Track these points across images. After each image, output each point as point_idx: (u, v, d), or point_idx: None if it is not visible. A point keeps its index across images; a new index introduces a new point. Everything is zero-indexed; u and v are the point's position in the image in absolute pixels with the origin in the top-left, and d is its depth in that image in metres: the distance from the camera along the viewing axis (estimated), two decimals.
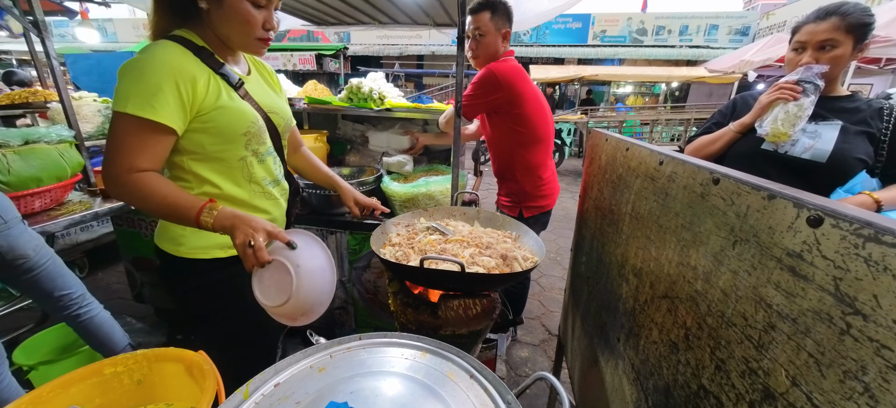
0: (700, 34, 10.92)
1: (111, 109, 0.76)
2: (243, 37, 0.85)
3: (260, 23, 0.84)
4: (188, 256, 0.91)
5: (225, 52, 0.89)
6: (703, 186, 0.52)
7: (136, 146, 0.77)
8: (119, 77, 0.76)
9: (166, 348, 0.80)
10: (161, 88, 0.76)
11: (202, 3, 0.80)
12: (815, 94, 1.13)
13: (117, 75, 0.76)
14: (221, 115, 0.85)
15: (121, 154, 0.76)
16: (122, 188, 0.78)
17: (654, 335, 0.63)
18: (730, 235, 0.45)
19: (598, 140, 1.08)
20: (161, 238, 0.93)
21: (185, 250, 0.91)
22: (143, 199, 0.78)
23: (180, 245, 0.91)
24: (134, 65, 0.76)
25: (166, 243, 0.92)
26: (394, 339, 0.73)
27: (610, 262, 0.89)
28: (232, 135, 0.89)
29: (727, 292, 0.45)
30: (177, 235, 0.91)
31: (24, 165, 1.50)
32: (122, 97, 0.75)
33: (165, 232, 0.92)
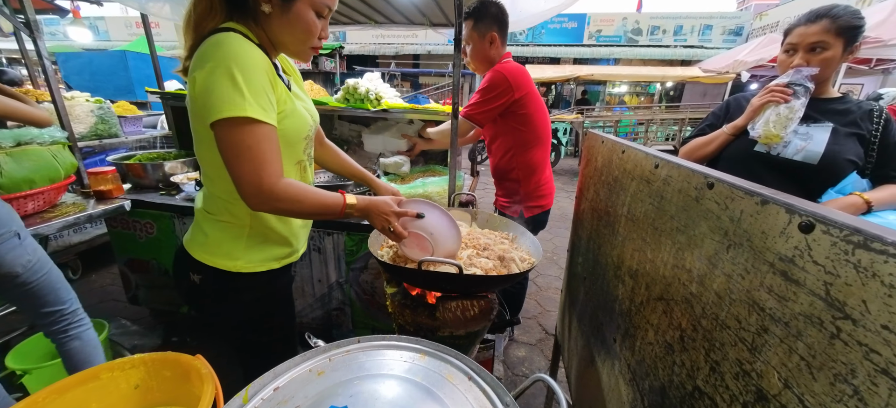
0: (694, 34, 11.02)
1: (220, 115, 0.68)
2: (300, 44, 0.83)
3: (318, 32, 0.83)
4: (245, 271, 0.88)
5: (271, 52, 0.85)
6: (698, 190, 0.53)
7: (274, 151, 0.74)
8: (215, 75, 0.68)
9: (164, 353, 0.80)
10: (265, 89, 0.74)
11: (265, 7, 0.76)
12: (805, 97, 1.15)
13: (208, 75, 0.69)
14: (290, 118, 0.84)
15: (266, 163, 0.72)
16: (279, 198, 0.75)
17: (649, 336, 0.64)
18: (724, 239, 0.46)
19: (595, 142, 1.09)
20: (211, 253, 0.86)
21: (242, 265, 0.87)
22: (298, 203, 0.78)
23: (237, 259, 0.86)
24: (231, 59, 0.69)
25: (219, 259, 0.86)
26: (392, 341, 0.73)
27: (606, 263, 0.90)
28: (296, 139, 0.88)
29: (721, 295, 0.46)
30: (232, 250, 0.86)
31: (17, 166, 1.48)
32: (237, 100, 0.69)
33: (218, 247, 0.86)
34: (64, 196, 1.77)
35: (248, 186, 0.73)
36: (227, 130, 0.71)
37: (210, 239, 0.86)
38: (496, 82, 1.51)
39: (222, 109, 0.69)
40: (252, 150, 0.71)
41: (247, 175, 0.72)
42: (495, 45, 1.59)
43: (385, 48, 12.15)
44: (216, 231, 0.86)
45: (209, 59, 0.69)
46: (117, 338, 2.03)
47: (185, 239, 0.91)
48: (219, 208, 0.85)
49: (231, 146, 0.71)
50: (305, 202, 0.80)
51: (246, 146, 0.71)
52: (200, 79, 0.70)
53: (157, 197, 1.86)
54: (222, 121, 0.69)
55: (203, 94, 0.70)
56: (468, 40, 1.58)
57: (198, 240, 0.88)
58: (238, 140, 0.71)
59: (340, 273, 1.76)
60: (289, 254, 0.97)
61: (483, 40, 1.58)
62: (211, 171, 0.83)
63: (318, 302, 1.84)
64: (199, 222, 0.89)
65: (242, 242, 0.87)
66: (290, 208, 0.79)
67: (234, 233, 0.87)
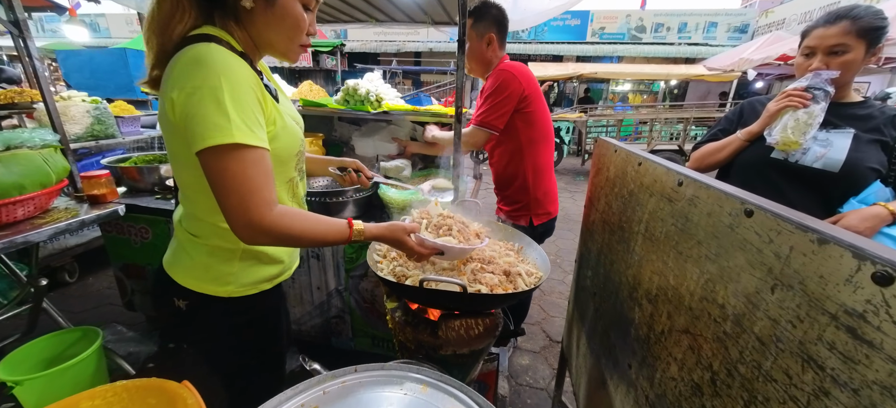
0: (699, 31, 10.89)
1: (204, 144, 0.61)
2: (289, 42, 0.75)
3: (306, 27, 0.76)
4: (236, 295, 0.82)
5: (254, 59, 0.78)
6: (733, 216, 0.47)
7: (263, 177, 0.66)
8: (197, 97, 0.61)
9: (148, 379, 0.75)
10: (253, 109, 0.66)
11: (246, 3, 0.68)
12: (825, 101, 1.09)
13: (191, 94, 0.61)
14: (281, 137, 0.77)
15: (254, 192, 0.64)
16: (271, 229, 0.67)
17: (672, 371, 0.59)
18: (767, 277, 0.41)
19: (606, 150, 1.03)
20: (198, 278, 0.80)
21: (232, 289, 0.81)
22: (296, 233, 0.71)
23: (227, 284, 0.81)
24: (214, 80, 0.61)
25: (207, 284, 0.80)
26: (392, 371, 0.68)
27: (619, 281, 0.84)
28: (287, 156, 0.82)
29: (765, 342, 0.40)
30: (223, 273, 0.80)
31: (5, 171, 1.43)
32: (222, 125, 0.61)
33: (206, 272, 0.79)
34: (56, 201, 1.72)
35: (237, 220, 0.66)
36: (212, 159, 0.63)
37: (197, 263, 0.79)
38: (506, 81, 1.45)
39: (206, 137, 0.61)
40: (237, 179, 0.64)
41: (234, 208, 0.65)
42: (493, 46, 1.54)
43: (387, 46, 12.07)
44: (203, 255, 0.79)
45: (190, 80, 0.62)
46: (112, 345, 1.98)
47: (166, 261, 0.84)
48: (204, 231, 0.79)
49: (216, 175, 0.64)
50: (303, 235, 0.72)
51: (231, 175, 0.63)
52: (180, 101, 0.62)
53: (152, 201, 1.81)
54: (207, 149, 0.62)
55: (184, 120, 0.63)
56: (466, 39, 1.52)
57: (183, 263, 0.81)
58: (222, 168, 0.63)
59: (340, 281, 1.71)
60: (281, 272, 0.92)
61: (480, 41, 1.53)
62: (191, 192, 0.77)
63: (316, 310, 1.80)
64: (184, 244, 0.81)
65: (234, 266, 0.81)
66: (286, 242, 0.73)
67: (224, 257, 0.80)
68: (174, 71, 0.64)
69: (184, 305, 0.81)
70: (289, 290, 1.78)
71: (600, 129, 7.34)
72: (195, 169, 0.69)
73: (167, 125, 0.69)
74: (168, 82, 0.65)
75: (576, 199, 5.46)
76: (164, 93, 0.65)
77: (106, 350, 1.81)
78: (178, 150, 0.72)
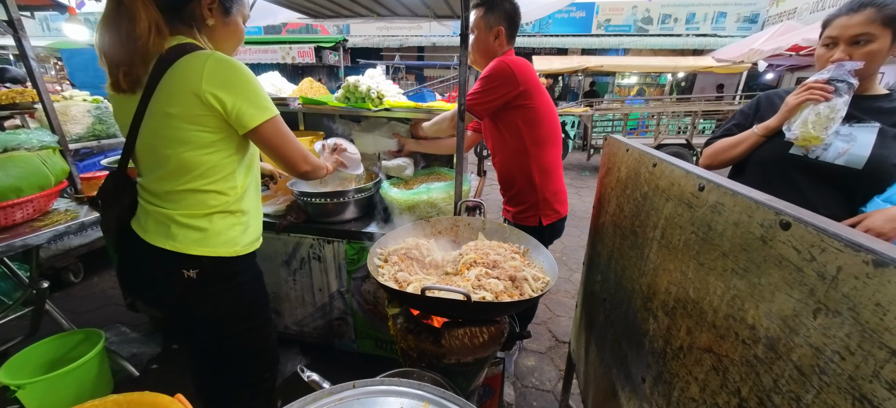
0: (707, 22, 10.65)
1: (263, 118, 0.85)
2: (234, 50, 0.98)
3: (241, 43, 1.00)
4: (243, 253, 0.96)
5: None
6: (766, 228, 0.42)
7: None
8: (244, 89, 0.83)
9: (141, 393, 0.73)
10: None
11: (209, 20, 0.88)
12: (848, 94, 1.03)
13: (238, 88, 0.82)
14: None
15: (295, 140, 0.94)
16: (310, 160, 0.99)
17: (692, 391, 0.55)
18: (808, 300, 0.36)
19: (617, 149, 0.98)
20: (211, 246, 0.91)
21: (240, 249, 0.95)
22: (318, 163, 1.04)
23: (236, 245, 0.95)
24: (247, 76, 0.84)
25: (220, 248, 0.92)
26: (391, 387, 0.65)
27: (632, 289, 0.80)
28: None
29: (805, 372, 0.36)
30: (233, 236, 0.94)
31: (2, 174, 1.41)
32: (265, 105, 0.86)
33: (218, 237, 0.91)
34: (56, 203, 1.71)
35: (300, 161, 0.96)
36: (269, 129, 0.87)
37: (210, 231, 0.90)
38: (499, 71, 1.39)
39: (263, 114, 0.85)
40: (289, 136, 0.92)
41: (298, 154, 0.95)
42: (500, 40, 1.48)
43: (389, 40, 11.97)
44: (216, 223, 0.91)
45: (231, 77, 0.81)
46: (116, 346, 1.98)
47: (163, 240, 0.89)
48: (207, 204, 0.90)
49: (275, 139, 0.90)
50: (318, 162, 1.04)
51: (285, 135, 0.92)
52: (230, 95, 0.81)
53: None
54: (265, 123, 0.86)
55: (235, 108, 0.82)
56: (474, 28, 1.47)
57: (191, 237, 0.89)
58: (279, 132, 0.90)
59: (342, 282, 1.68)
60: (259, 236, 1.05)
61: (489, 32, 1.47)
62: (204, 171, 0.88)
63: (318, 312, 1.77)
64: (182, 221, 0.89)
65: (240, 228, 0.96)
66: (315, 166, 1.02)
67: (233, 220, 0.94)
68: (206, 74, 0.79)
69: (194, 274, 0.90)
70: (290, 291, 1.75)
71: (606, 123, 7.22)
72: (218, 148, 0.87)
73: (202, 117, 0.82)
74: (203, 83, 0.79)
75: (582, 195, 5.39)
76: (199, 93, 0.79)
77: (109, 352, 1.81)
78: (204, 137, 0.84)
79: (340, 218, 1.61)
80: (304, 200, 1.56)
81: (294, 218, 1.61)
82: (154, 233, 0.90)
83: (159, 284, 0.93)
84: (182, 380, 1.82)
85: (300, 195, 1.56)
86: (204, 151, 0.86)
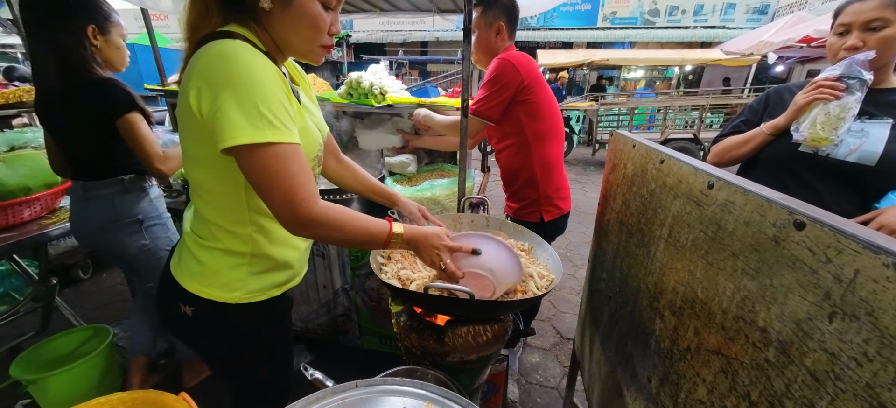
0: (716, 14, 10.46)
1: (237, 141, 0.60)
2: (308, 43, 0.72)
3: (328, 27, 0.73)
4: (244, 302, 0.79)
5: (279, 60, 0.76)
6: (779, 227, 0.41)
7: (304, 171, 0.66)
8: (228, 97, 0.60)
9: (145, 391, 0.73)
10: (283, 103, 0.65)
11: (264, 3, 0.66)
12: (861, 91, 0.99)
13: (219, 91, 0.60)
14: (303, 138, 0.72)
15: (298, 186, 0.65)
16: (319, 222, 0.68)
17: (700, 393, 0.54)
18: (823, 303, 0.35)
19: (623, 145, 0.96)
20: (206, 284, 0.77)
21: (240, 295, 0.78)
22: (339, 229, 0.71)
23: (235, 290, 0.78)
24: (242, 78, 0.60)
25: (215, 291, 0.77)
26: (394, 386, 0.64)
27: (638, 288, 0.79)
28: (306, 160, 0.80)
29: (820, 379, 0.35)
30: (230, 280, 0.77)
31: (10, 172, 1.43)
32: (257, 122, 0.61)
33: (215, 278, 0.76)
34: (63, 201, 1.73)
35: (285, 215, 0.66)
36: (250, 157, 0.62)
37: (205, 269, 0.77)
38: (503, 69, 1.38)
39: (238, 135, 0.60)
40: (281, 175, 0.64)
41: (280, 204, 0.65)
42: (502, 36, 1.47)
43: (393, 36, 11.92)
44: (212, 260, 0.76)
45: (217, 75, 0.61)
46: (124, 342, 2.00)
47: (173, 264, 0.81)
48: (213, 235, 0.76)
49: (258, 173, 0.64)
50: (347, 228, 0.72)
51: (274, 172, 0.63)
52: (207, 98, 0.61)
53: None
54: (241, 147, 0.61)
55: (213, 116, 0.61)
56: (474, 27, 1.46)
57: (190, 269, 0.78)
58: (263, 165, 0.63)
59: (346, 279, 1.68)
60: (290, 278, 0.88)
61: (489, 30, 1.46)
62: (203, 192, 0.74)
63: (323, 308, 1.78)
64: (191, 248, 0.78)
65: (242, 271, 0.78)
66: (331, 235, 0.71)
67: (233, 262, 0.77)
68: (198, 66, 0.62)
69: (190, 311, 0.78)
70: (295, 288, 1.75)
71: (612, 117, 7.14)
72: (210, 168, 0.69)
73: (188, 121, 0.67)
74: (192, 78, 0.63)
75: (587, 190, 5.35)
76: (187, 88, 0.64)
77: (117, 347, 1.83)
78: (194, 148, 0.70)
79: None
80: None
81: None
82: (176, 250, 0.83)
83: (161, 307, 0.85)
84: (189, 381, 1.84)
85: None
86: (204, 168, 0.71)
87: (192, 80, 0.62)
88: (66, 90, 1.20)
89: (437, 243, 0.82)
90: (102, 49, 1.24)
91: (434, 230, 0.83)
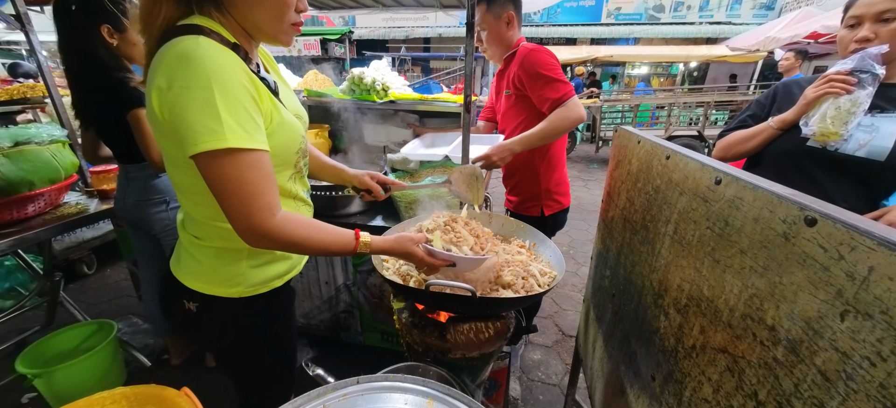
0: (722, 9, 10.33)
1: (197, 148, 0.58)
2: (277, 23, 0.69)
3: (294, 4, 0.69)
4: (246, 295, 0.80)
5: (248, 47, 0.72)
6: (789, 224, 0.40)
7: (263, 181, 0.63)
8: (185, 98, 0.57)
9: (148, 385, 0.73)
10: (247, 107, 0.62)
11: None
12: (873, 85, 0.97)
13: (178, 95, 0.57)
14: (279, 133, 0.71)
15: (254, 197, 0.62)
16: (274, 234, 0.65)
17: (705, 392, 0.53)
18: (835, 301, 0.34)
19: (628, 141, 0.95)
20: (206, 282, 0.77)
21: (242, 290, 0.79)
22: (300, 240, 0.68)
23: (236, 286, 0.78)
24: (203, 80, 0.57)
25: (216, 287, 0.77)
26: (396, 383, 0.64)
27: (642, 286, 0.78)
28: (287, 155, 0.77)
29: (830, 378, 0.34)
30: (231, 274, 0.77)
31: (14, 168, 1.43)
32: (215, 128, 0.58)
33: (214, 275, 0.77)
34: (67, 196, 1.73)
35: (239, 225, 0.64)
36: (208, 164, 0.60)
37: (204, 266, 0.77)
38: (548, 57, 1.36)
39: (198, 141, 0.58)
40: (236, 183, 0.61)
41: (234, 213, 0.63)
42: (512, 25, 1.46)
43: (395, 32, 11.87)
44: (209, 258, 0.76)
45: (177, 78, 0.58)
46: (128, 337, 2.02)
47: (173, 264, 0.81)
48: (206, 233, 0.75)
49: (214, 181, 0.62)
50: (307, 243, 0.70)
51: (229, 180, 0.61)
52: (167, 101, 0.59)
53: None
54: (201, 154, 0.59)
55: (173, 121, 0.59)
56: (483, 24, 1.44)
57: (189, 268, 0.78)
58: (219, 173, 0.61)
59: (347, 275, 1.68)
60: (290, 269, 0.89)
61: (499, 21, 1.44)
62: (189, 194, 0.73)
63: (325, 304, 1.78)
64: (188, 247, 0.78)
65: (242, 266, 0.78)
66: (289, 248, 0.70)
67: (230, 258, 0.77)
68: (160, 67, 0.59)
69: (194, 307, 0.79)
70: (296, 284, 1.76)
71: (615, 114, 7.09)
72: (189, 170, 0.66)
73: (155, 124, 0.66)
74: (153, 79, 0.60)
75: (590, 187, 5.33)
76: (150, 89, 0.61)
77: (121, 342, 1.85)
78: (169, 149, 0.68)
79: (346, 211, 1.61)
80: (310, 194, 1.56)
81: None
82: (174, 250, 0.84)
83: (164, 304, 0.86)
84: (194, 370, 1.85)
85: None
86: (182, 169, 0.69)
87: (154, 81, 0.60)
88: (89, 88, 1.31)
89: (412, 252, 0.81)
90: (120, 46, 1.30)
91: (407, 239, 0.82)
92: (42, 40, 1.61)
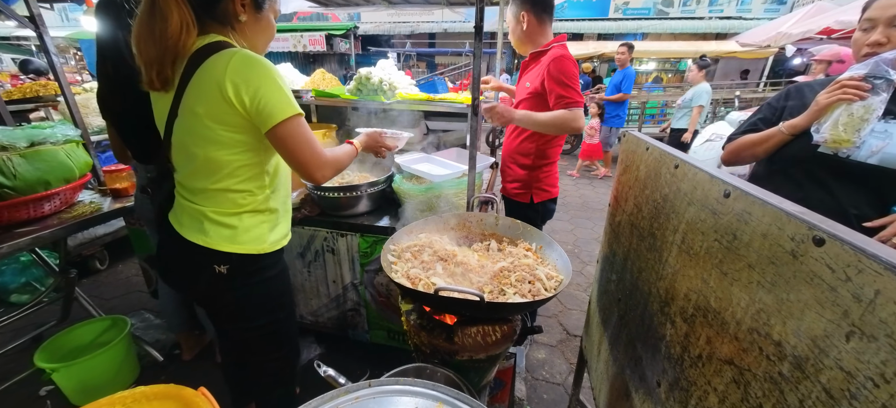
0: (732, 4, 10.18)
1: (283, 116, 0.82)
2: (266, 45, 0.99)
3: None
4: (270, 250, 0.98)
5: None
6: (797, 242, 0.41)
7: (312, 134, 0.91)
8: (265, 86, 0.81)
9: (166, 386, 0.76)
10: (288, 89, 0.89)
11: (242, 17, 0.88)
12: (887, 91, 0.96)
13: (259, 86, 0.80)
14: None
15: (314, 143, 0.89)
16: (331, 165, 0.95)
17: (711, 401, 0.54)
18: (841, 321, 0.35)
19: (636, 147, 0.95)
20: (241, 243, 0.93)
21: (267, 246, 0.97)
22: (338, 163, 1.00)
23: (264, 242, 0.97)
24: (270, 73, 0.82)
25: (249, 245, 0.94)
26: (406, 387, 0.66)
27: (648, 292, 0.79)
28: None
29: (835, 397, 0.35)
30: (261, 234, 0.96)
31: (30, 167, 1.47)
32: (286, 103, 0.83)
33: (247, 234, 0.94)
34: (81, 195, 1.77)
35: (313, 164, 0.89)
36: (286, 128, 0.84)
37: (239, 229, 0.93)
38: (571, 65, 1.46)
39: (284, 112, 0.82)
40: (307, 137, 0.88)
41: (308, 158, 0.89)
42: (531, 24, 1.56)
43: (400, 27, 11.84)
44: (243, 222, 0.93)
45: (253, 74, 0.80)
46: (140, 332, 2.07)
47: (196, 236, 0.92)
48: (237, 203, 0.92)
49: (292, 139, 0.85)
50: (341, 162, 1.02)
51: (304, 136, 0.87)
52: (250, 91, 0.80)
53: None
54: (284, 121, 0.83)
55: (256, 104, 0.81)
56: (522, 20, 1.55)
57: (222, 234, 0.92)
58: (296, 133, 0.86)
59: (354, 274, 1.70)
60: (287, 232, 1.07)
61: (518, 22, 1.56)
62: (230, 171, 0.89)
63: (332, 302, 1.81)
64: (216, 219, 0.92)
65: (265, 227, 0.97)
66: (335, 171, 0.99)
67: (259, 219, 0.96)
68: (227, 71, 0.79)
69: (225, 269, 0.94)
70: (305, 282, 1.79)
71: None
72: (236, 148, 0.87)
73: (223, 114, 0.82)
74: (226, 77, 0.79)
75: (595, 186, 5.31)
76: (222, 86, 0.79)
77: (134, 337, 1.89)
78: (223, 135, 0.85)
79: (353, 211, 1.63)
80: (317, 194, 1.58)
81: (308, 211, 1.63)
82: (188, 227, 0.93)
83: (192, 276, 0.98)
84: (202, 365, 1.90)
85: (314, 189, 1.57)
86: (230, 150, 0.87)
87: (227, 80, 0.79)
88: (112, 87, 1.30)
89: (379, 141, 1.32)
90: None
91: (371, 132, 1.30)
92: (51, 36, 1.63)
